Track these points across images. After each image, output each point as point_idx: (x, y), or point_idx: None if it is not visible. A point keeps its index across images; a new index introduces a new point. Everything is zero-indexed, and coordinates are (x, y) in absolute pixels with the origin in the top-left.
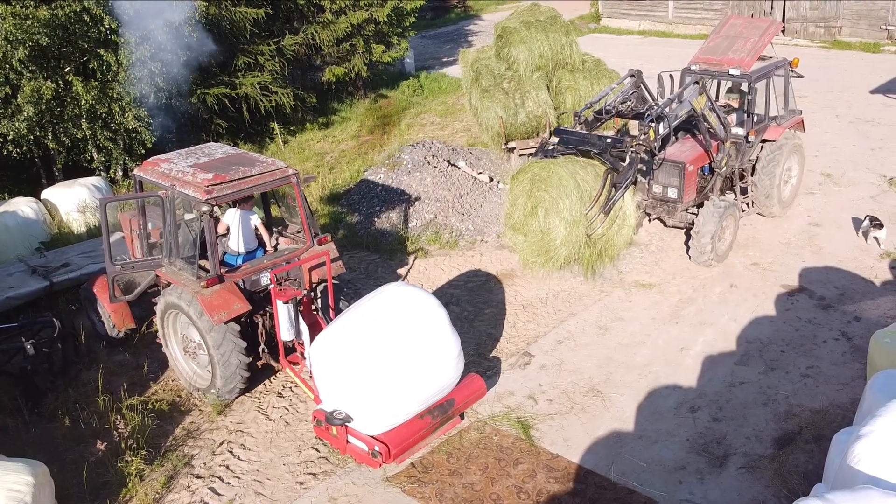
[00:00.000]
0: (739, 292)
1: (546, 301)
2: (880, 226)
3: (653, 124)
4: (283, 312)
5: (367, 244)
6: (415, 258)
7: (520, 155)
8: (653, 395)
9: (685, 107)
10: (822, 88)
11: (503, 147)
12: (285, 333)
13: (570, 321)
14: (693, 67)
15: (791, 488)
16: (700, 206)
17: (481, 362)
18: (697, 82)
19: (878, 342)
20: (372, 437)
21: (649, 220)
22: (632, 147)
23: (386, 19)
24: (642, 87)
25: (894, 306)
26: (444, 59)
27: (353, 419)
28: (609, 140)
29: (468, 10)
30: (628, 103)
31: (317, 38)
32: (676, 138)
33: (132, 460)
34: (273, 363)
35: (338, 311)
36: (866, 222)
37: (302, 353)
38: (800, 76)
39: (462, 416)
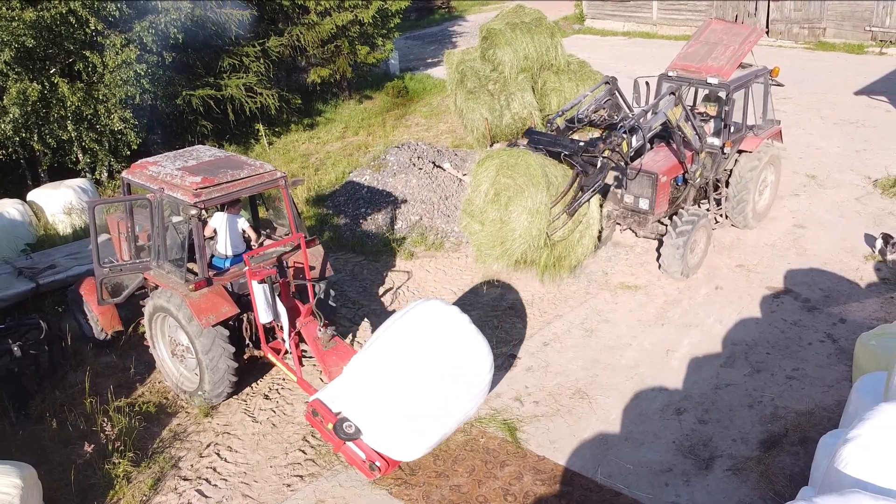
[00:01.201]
0: (725, 294)
1: (532, 303)
2: (888, 240)
3: (626, 136)
4: (259, 293)
5: (353, 246)
6: (400, 259)
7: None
8: (639, 397)
9: (660, 118)
10: (806, 90)
11: (488, 148)
12: (263, 315)
13: (555, 323)
14: (670, 74)
15: (777, 490)
16: (672, 216)
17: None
18: (674, 93)
19: (863, 344)
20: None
21: (621, 231)
22: (604, 152)
23: (371, 20)
24: (617, 94)
25: (879, 308)
26: (429, 60)
27: (363, 434)
28: (581, 144)
29: (452, 10)
30: (602, 112)
31: (302, 40)
32: (651, 146)
33: (119, 462)
34: (256, 353)
35: (319, 302)
36: (880, 241)
37: (282, 337)
38: (780, 85)
39: None
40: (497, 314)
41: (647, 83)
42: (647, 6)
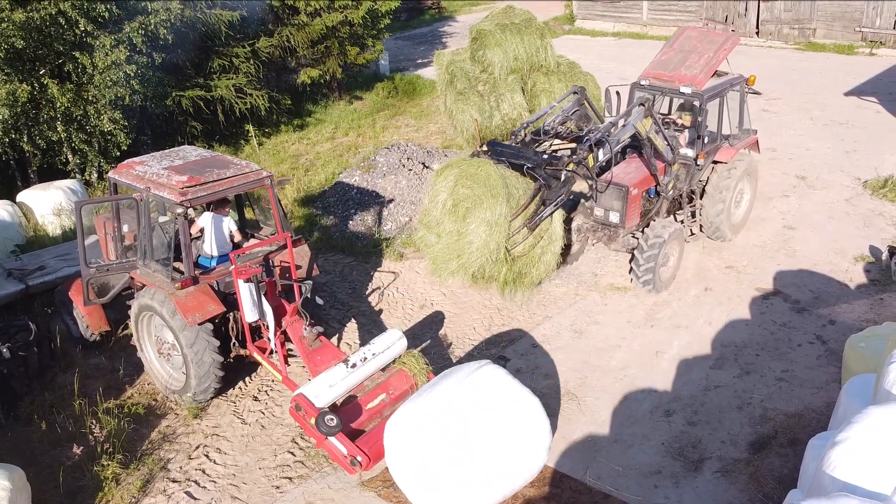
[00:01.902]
0: (714, 295)
1: (521, 304)
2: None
3: (592, 149)
4: (244, 291)
5: (342, 247)
6: (389, 261)
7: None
8: (628, 399)
9: (628, 130)
10: (796, 91)
11: (479, 149)
12: (249, 314)
13: (545, 324)
14: (643, 83)
15: (766, 493)
16: (644, 229)
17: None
18: (643, 104)
19: (852, 346)
20: (353, 442)
21: (592, 244)
22: (568, 166)
23: (361, 21)
24: (586, 104)
25: (869, 310)
26: (419, 61)
27: (342, 428)
28: (545, 156)
29: (443, 11)
30: (569, 123)
31: (292, 41)
32: (623, 157)
33: (108, 464)
34: (242, 352)
35: (305, 301)
36: (886, 254)
37: (268, 336)
38: (756, 93)
39: None
40: (485, 316)
41: (617, 93)
42: (637, 6)
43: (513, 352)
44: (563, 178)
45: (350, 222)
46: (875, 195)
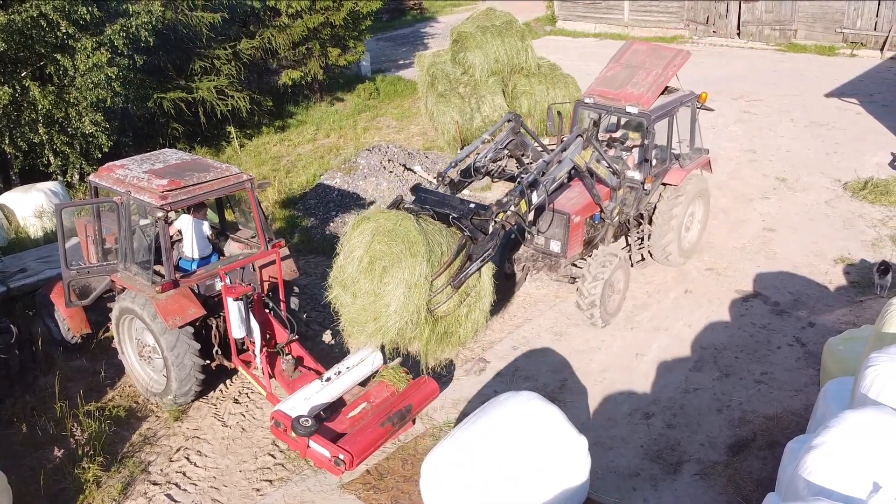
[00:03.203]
0: (694, 297)
1: (501, 306)
2: (885, 271)
3: (524, 194)
4: (233, 310)
5: (323, 249)
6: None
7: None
8: (607, 402)
9: (565, 166)
10: (777, 92)
11: (459, 151)
12: (236, 331)
13: (525, 327)
14: (587, 100)
15: (745, 495)
16: (587, 258)
17: (436, 368)
18: (581, 135)
19: (830, 349)
20: (335, 444)
21: (533, 275)
22: (496, 217)
23: (342, 23)
24: (523, 131)
25: (848, 312)
26: (401, 62)
27: (318, 428)
28: (472, 205)
29: (424, 12)
30: (501, 161)
31: (273, 42)
32: (569, 179)
33: (89, 467)
34: (226, 363)
35: (290, 311)
36: (876, 274)
37: (253, 351)
38: (709, 109)
39: (414, 421)
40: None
41: (559, 113)
42: (619, 7)
43: (493, 354)
44: (490, 230)
45: (331, 224)
46: (855, 197)
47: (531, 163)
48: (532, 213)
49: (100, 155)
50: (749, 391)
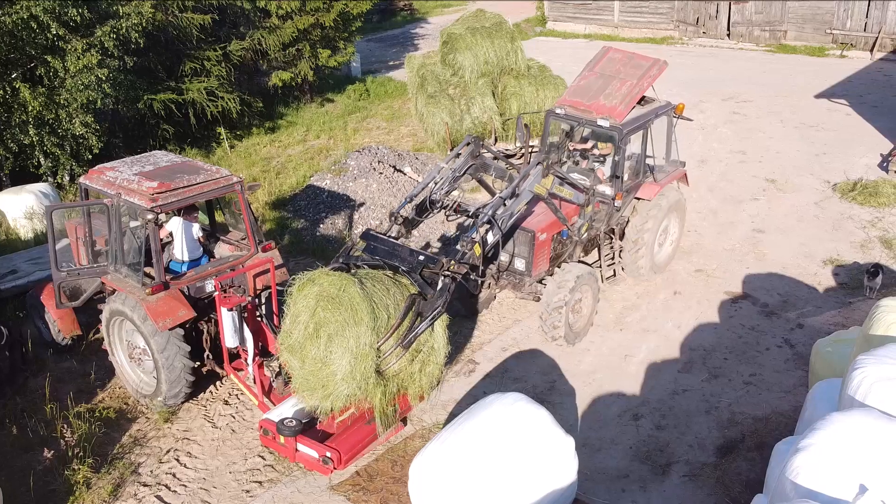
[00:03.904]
0: (683, 299)
1: (490, 307)
2: (875, 273)
3: (476, 239)
4: (227, 319)
5: (313, 250)
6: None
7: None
8: (596, 403)
9: (524, 198)
10: (767, 93)
11: (449, 153)
12: (230, 340)
13: (514, 328)
14: (558, 111)
15: (733, 497)
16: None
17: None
18: (541, 162)
19: (819, 351)
20: (322, 443)
21: (496, 293)
22: (446, 270)
23: (332, 24)
24: (484, 152)
25: (837, 314)
26: (391, 63)
27: (304, 428)
28: (421, 258)
29: (414, 12)
30: (455, 193)
31: (263, 43)
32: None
33: (79, 468)
34: (218, 370)
35: (282, 317)
36: (866, 277)
37: (246, 360)
38: (688, 120)
39: (405, 422)
40: (455, 319)
41: (525, 125)
42: (609, 8)
43: (482, 356)
44: (440, 285)
45: (321, 226)
46: (844, 198)
47: (498, 180)
48: (490, 251)
49: (90, 156)
50: (738, 392)
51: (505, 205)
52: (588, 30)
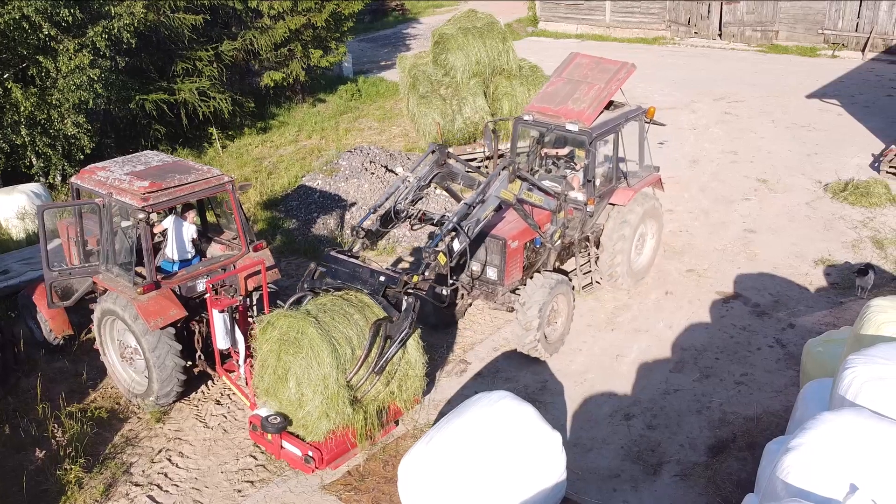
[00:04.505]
0: (675, 299)
1: (482, 308)
2: (864, 272)
3: (442, 247)
4: (218, 321)
5: (305, 250)
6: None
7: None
8: (588, 403)
9: (490, 204)
10: (758, 93)
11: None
12: (221, 342)
13: (505, 328)
14: (526, 117)
15: (724, 496)
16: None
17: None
18: (506, 168)
19: (810, 351)
20: (305, 442)
21: (469, 304)
22: (409, 289)
23: (324, 24)
24: (450, 161)
25: (828, 313)
26: (383, 63)
27: (287, 425)
28: (382, 279)
29: (406, 13)
30: (419, 204)
31: (255, 44)
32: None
33: (71, 468)
34: (210, 371)
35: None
36: (858, 278)
37: (237, 361)
38: (660, 125)
39: (397, 423)
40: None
41: (493, 131)
42: (601, 8)
43: (474, 355)
44: (404, 305)
45: (312, 226)
46: (836, 198)
47: (466, 189)
48: (455, 260)
49: (82, 157)
50: (729, 392)
51: (471, 211)
52: (580, 30)
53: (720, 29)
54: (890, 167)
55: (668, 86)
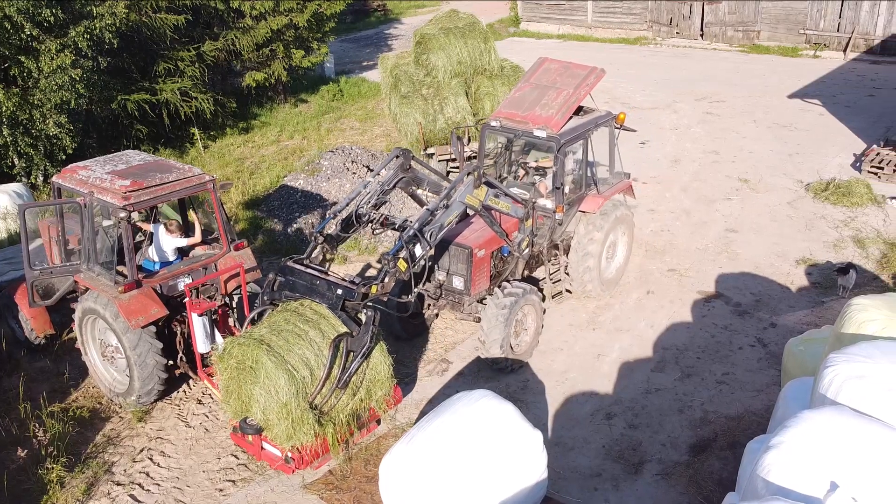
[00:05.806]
0: (656, 298)
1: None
2: (845, 271)
3: (403, 254)
4: (198, 325)
5: (286, 250)
6: (333, 264)
7: (438, 161)
8: (569, 402)
9: (454, 211)
10: (740, 93)
11: (422, 153)
12: (202, 345)
13: None
14: (493, 123)
15: (706, 495)
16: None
17: (399, 369)
18: (471, 173)
19: (791, 350)
20: None
21: (435, 316)
22: (367, 302)
23: (306, 24)
24: (414, 165)
25: (810, 313)
26: (364, 64)
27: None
28: (340, 292)
29: (388, 13)
30: (383, 209)
31: (237, 44)
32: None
33: (53, 468)
34: (191, 374)
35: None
36: (840, 278)
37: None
38: (632, 130)
39: (379, 422)
40: (428, 318)
41: (458, 137)
42: (582, 8)
43: (455, 355)
44: (363, 319)
45: (294, 225)
46: (817, 198)
47: (433, 195)
48: (418, 265)
49: (64, 157)
50: (710, 392)
51: (434, 217)
52: (562, 30)
53: (702, 29)
54: (872, 167)
55: (650, 86)
